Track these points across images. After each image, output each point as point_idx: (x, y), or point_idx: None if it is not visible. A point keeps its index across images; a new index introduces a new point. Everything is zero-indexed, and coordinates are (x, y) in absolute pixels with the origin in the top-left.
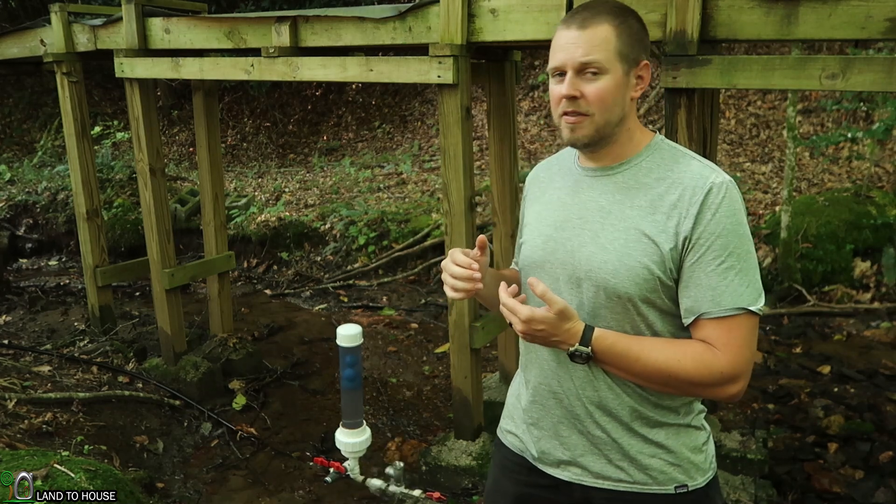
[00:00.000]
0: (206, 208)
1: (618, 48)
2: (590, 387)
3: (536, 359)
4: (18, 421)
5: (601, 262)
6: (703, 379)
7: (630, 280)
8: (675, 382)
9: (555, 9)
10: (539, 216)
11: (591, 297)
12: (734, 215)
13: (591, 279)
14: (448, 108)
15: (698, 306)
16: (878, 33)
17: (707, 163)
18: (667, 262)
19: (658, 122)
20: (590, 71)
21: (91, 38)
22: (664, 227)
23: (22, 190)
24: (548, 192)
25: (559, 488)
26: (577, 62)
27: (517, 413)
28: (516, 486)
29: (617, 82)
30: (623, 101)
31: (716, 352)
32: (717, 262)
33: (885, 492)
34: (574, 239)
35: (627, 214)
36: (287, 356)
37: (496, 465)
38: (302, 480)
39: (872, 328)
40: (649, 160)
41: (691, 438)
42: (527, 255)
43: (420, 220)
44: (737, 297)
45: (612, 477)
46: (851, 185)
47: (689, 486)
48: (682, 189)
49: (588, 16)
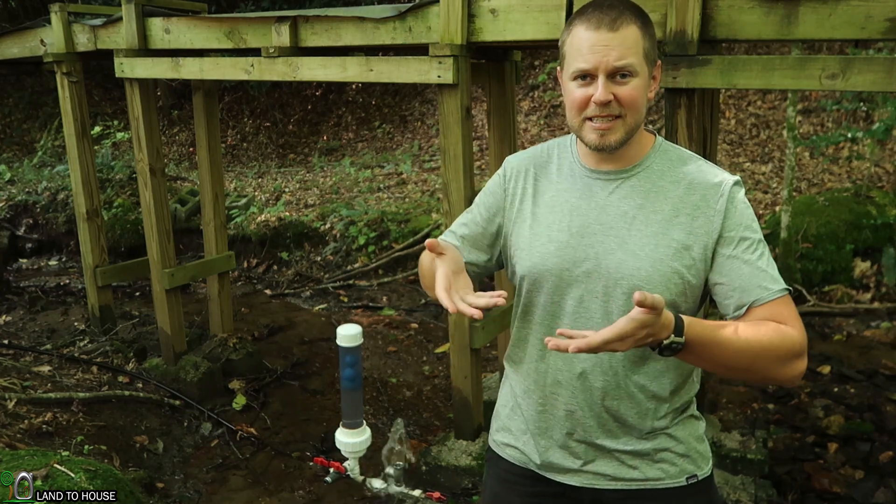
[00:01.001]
0: (206, 208)
1: (645, 50)
2: (608, 397)
3: (547, 369)
4: (18, 421)
5: (633, 268)
6: (787, 352)
7: (663, 285)
8: (761, 361)
9: (555, 9)
10: (544, 220)
11: (622, 305)
12: (749, 208)
13: (622, 287)
14: (448, 108)
15: (747, 296)
16: (878, 33)
17: (711, 163)
18: (697, 263)
19: (658, 122)
20: (621, 74)
21: (91, 38)
22: (691, 228)
23: (22, 190)
24: (548, 193)
25: (566, 494)
26: (612, 66)
27: (515, 424)
28: (521, 497)
29: (646, 84)
30: (646, 103)
31: (786, 326)
32: (752, 252)
33: (885, 492)
34: (598, 246)
35: (653, 219)
36: (287, 356)
37: (494, 479)
38: (302, 480)
39: (872, 328)
40: (658, 162)
41: (695, 428)
42: (536, 263)
43: (420, 220)
44: (777, 280)
45: (625, 477)
46: (851, 185)
47: (699, 475)
48: (703, 190)
49: (616, 16)
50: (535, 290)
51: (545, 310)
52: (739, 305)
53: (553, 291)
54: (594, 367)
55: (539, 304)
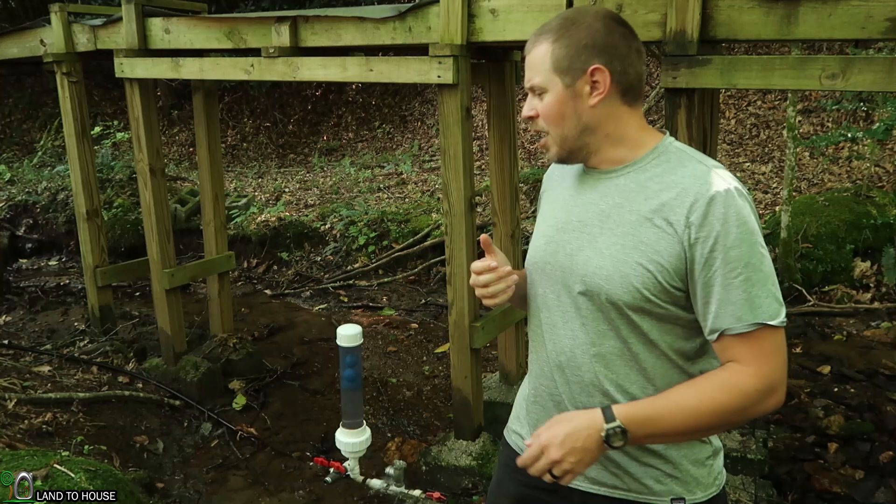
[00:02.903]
0: (206, 208)
1: (553, 64)
2: (585, 393)
3: (537, 360)
4: (18, 421)
5: (596, 267)
6: (741, 404)
7: (622, 287)
8: (718, 421)
9: (555, 9)
10: (545, 216)
11: (586, 303)
12: (744, 224)
13: (585, 284)
14: (448, 109)
15: (720, 322)
16: (878, 33)
17: (715, 166)
18: (668, 269)
19: (658, 122)
20: (537, 93)
21: (91, 38)
22: (665, 234)
23: (22, 190)
24: (557, 191)
25: (559, 492)
26: (528, 87)
27: (523, 413)
28: (517, 486)
29: (557, 97)
30: (576, 113)
31: (743, 370)
32: (733, 276)
33: (885, 492)
34: (573, 242)
35: (626, 219)
36: (287, 356)
37: (501, 464)
38: (302, 480)
39: (872, 328)
40: (655, 163)
41: (694, 451)
42: (530, 255)
43: (420, 220)
44: (757, 312)
45: (607, 483)
46: (851, 185)
47: (687, 499)
48: (686, 196)
49: (533, 37)
50: (532, 283)
51: (534, 302)
52: (712, 330)
53: (540, 284)
54: (569, 360)
55: (533, 296)
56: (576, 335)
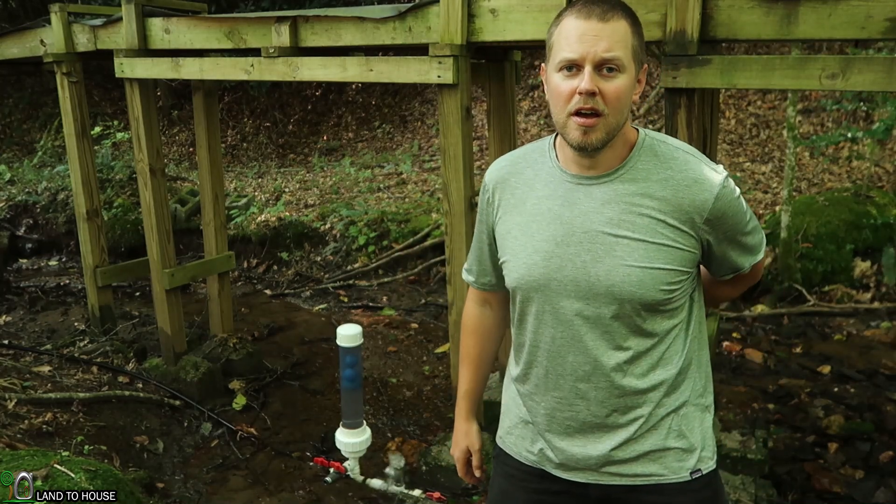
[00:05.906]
0: (206, 208)
1: (633, 47)
2: (613, 395)
3: (545, 375)
4: (18, 421)
5: (624, 275)
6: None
7: (655, 288)
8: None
9: (555, 8)
10: (527, 230)
11: (615, 311)
12: (741, 203)
13: (612, 294)
14: (448, 108)
15: (739, 264)
16: (878, 33)
17: (701, 157)
18: (687, 258)
19: (658, 122)
20: (607, 67)
21: (91, 38)
22: (680, 229)
23: (22, 190)
24: (528, 201)
25: (571, 491)
26: (600, 57)
27: (527, 429)
28: (527, 493)
29: (632, 82)
30: (629, 105)
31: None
32: (744, 229)
33: (885, 492)
34: (584, 254)
35: (639, 224)
36: (287, 356)
37: (501, 476)
38: (302, 480)
39: (872, 328)
40: (644, 161)
41: (701, 421)
42: (523, 274)
43: (420, 220)
44: (759, 250)
45: (627, 473)
46: (851, 185)
47: (703, 469)
48: (692, 190)
49: (607, 8)
50: (527, 300)
51: (537, 318)
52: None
53: (543, 301)
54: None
55: (531, 313)
56: (597, 344)
